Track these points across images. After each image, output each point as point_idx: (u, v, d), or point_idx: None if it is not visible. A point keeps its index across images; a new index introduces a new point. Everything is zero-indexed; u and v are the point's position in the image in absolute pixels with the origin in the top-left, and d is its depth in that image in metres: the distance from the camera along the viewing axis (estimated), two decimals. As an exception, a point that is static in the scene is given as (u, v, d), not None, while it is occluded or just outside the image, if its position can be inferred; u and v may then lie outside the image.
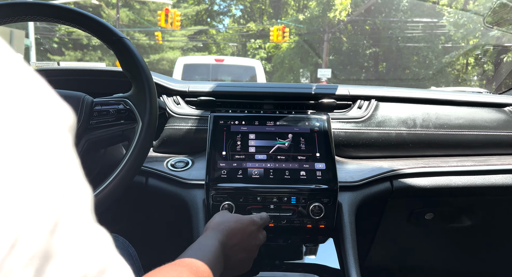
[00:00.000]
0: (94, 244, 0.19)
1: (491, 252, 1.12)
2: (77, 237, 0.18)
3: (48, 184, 0.16)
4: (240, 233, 0.62)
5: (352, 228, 0.83)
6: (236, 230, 0.62)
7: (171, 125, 0.94)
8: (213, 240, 0.58)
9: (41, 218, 0.16)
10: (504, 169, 0.95)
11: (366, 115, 0.98)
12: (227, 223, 0.63)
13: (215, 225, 0.62)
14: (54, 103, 0.19)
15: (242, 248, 0.62)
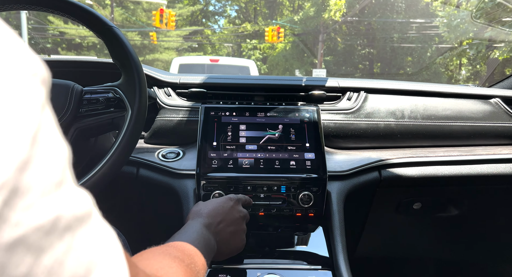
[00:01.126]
0: (70, 191, 0.19)
1: (477, 241, 1.14)
2: (49, 179, 0.18)
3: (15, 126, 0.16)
4: (220, 210, 0.64)
5: (340, 216, 0.84)
6: (215, 210, 0.64)
7: (162, 116, 0.95)
8: (197, 224, 0.59)
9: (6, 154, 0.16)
10: (489, 159, 0.97)
11: (355, 107, 1.00)
12: (204, 208, 0.64)
13: (194, 214, 0.64)
14: (24, 54, 0.18)
15: (228, 223, 0.64)
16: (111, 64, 0.97)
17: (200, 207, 0.65)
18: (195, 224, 0.59)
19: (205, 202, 0.68)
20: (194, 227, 0.58)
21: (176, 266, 0.42)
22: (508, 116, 1.02)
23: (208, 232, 0.58)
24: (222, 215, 0.64)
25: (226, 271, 0.75)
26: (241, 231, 0.68)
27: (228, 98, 0.99)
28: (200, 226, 0.59)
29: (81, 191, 0.21)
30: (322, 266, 0.78)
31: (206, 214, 0.63)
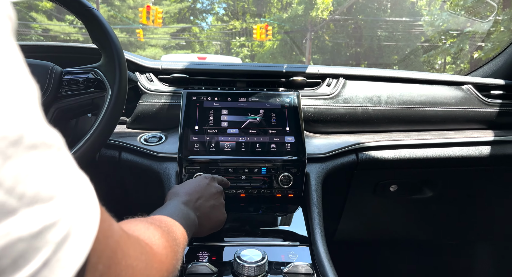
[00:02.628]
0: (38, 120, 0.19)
1: (451, 222, 1.19)
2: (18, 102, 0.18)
3: None
4: (197, 188, 0.66)
5: (318, 196, 0.87)
6: (192, 188, 0.65)
7: (144, 101, 0.96)
8: (175, 202, 0.60)
9: None
10: (460, 142, 1.01)
11: (334, 92, 1.03)
12: (181, 188, 0.65)
13: (171, 195, 0.65)
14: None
15: (206, 198, 0.65)
16: (90, 49, 0.97)
17: (176, 189, 0.66)
18: (173, 202, 0.60)
19: (181, 184, 0.69)
20: (172, 204, 0.59)
21: (153, 229, 0.41)
22: (479, 102, 1.07)
23: (187, 208, 0.59)
24: (199, 192, 0.65)
25: (207, 248, 0.77)
26: (220, 205, 0.70)
27: (210, 84, 1.01)
28: (179, 204, 0.60)
29: (53, 130, 0.21)
30: (300, 242, 0.80)
31: (184, 193, 0.64)
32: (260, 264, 0.67)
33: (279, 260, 0.75)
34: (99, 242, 0.24)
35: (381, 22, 17.01)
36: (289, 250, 0.78)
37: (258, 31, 16.34)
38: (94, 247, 0.23)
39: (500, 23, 7.32)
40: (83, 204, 0.21)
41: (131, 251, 0.29)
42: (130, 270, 0.28)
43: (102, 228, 0.24)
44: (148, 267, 0.31)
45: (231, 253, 0.73)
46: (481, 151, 1.02)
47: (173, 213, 0.55)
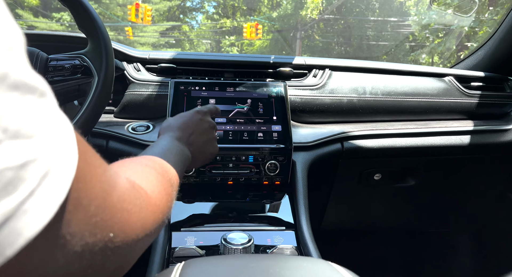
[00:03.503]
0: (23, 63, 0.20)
1: (434, 211, 1.23)
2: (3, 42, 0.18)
3: None
4: (190, 123, 0.65)
5: (304, 183, 0.89)
6: (185, 123, 0.64)
7: (132, 90, 0.97)
8: (168, 138, 0.58)
9: None
10: (442, 131, 1.04)
11: (321, 83, 1.05)
12: (174, 122, 0.64)
13: (164, 129, 0.63)
14: None
15: (199, 133, 0.65)
16: (77, 38, 0.97)
17: (169, 122, 0.65)
18: (166, 138, 0.59)
19: (174, 117, 0.67)
20: (165, 140, 0.57)
21: (148, 171, 0.40)
22: (460, 93, 1.11)
23: (181, 144, 0.59)
24: (192, 127, 0.64)
25: (194, 233, 0.78)
26: (213, 139, 0.69)
27: (198, 74, 1.02)
28: (172, 140, 0.58)
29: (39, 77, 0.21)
30: (286, 227, 0.82)
31: (177, 128, 0.62)
32: (246, 246, 0.68)
33: (265, 244, 0.76)
34: (91, 185, 0.24)
35: (370, 22, 17.19)
36: (275, 234, 0.80)
37: (248, 30, 16.35)
38: (84, 188, 0.23)
39: (485, 23, 7.48)
40: (63, 146, 0.21)
41: (126, 195, 0.29)
42: (125, 213, 0.28)
43: (93, 171, 0.25)
44: (143, 211, 0.31)
45: (218, 237, 0.75)
46: (461, 140, 1.05)
47: (167, 151, 0.54)
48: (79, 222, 0.23)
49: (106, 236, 0.25)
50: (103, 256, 0.26)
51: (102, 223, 0.25)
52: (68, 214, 0.22)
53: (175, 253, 0.71)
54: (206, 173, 0.89)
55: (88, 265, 0.24)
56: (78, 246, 0.23)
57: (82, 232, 0.23)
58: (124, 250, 0.28)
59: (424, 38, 11.06)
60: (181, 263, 0.43)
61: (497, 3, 7.63)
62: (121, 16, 18.53)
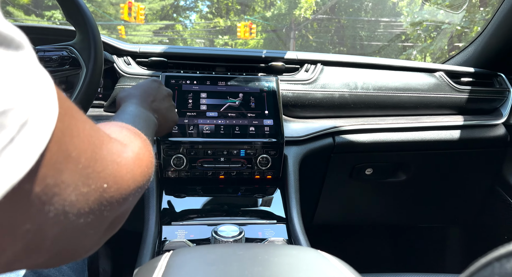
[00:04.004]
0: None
1: (424, 205, 1.24)
2: None
3: None
4: (149, 90, 0.64)
5: (295, 176, 0.89)
6: (145, 91, 0.63)
7: (122, 84, 0.96)
8: (131, 105, 0.57)
9: None
10: (432, 126, 1.05)
11: (312, 78, 1.05)
12: (134, 91, 0.63)
13: (123, 98, 0.61)
14: None
15: (160, 100, 0.65)
16: (65, 30, 0.96)
17: (128, 91, 0.63)
18: (130, 105, 0.57)
19: (131, 87, 0.66)
20: (130, 108, 0.56)
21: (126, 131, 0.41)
22: (450, 88, 1.11)
23: (145, 110, 0.58)
24: (153, 94, 0.64)
25: (185, 227, 0.78)
26: (172, 107, 0.70)
27: (189, 68, 1.01)
28: (137, 107, 0.57)
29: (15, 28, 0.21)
30: (277, 221, 0.82)
31: (138, 95, 0.62)
32: (237, 239, 0.68)
33: (256, 237, 0.76)
34: (80, 139, 0.25)
35: (363, 22, 17.29)
36: (266, 227, 0.80)
37: (242, 29, 16.34)
38: (72, 141, 0.24)
39: (476, 23, 7.57)
40: (42, 97, 0.22)
41: (114, 149, 0.30)
42: (115, 165, 0.29)
43: (80, 126, 0.26)
44: (130, 163, 0.32)
45: (209, 231, 0.74)
46: (452, 134, 1.06)
47: (136, 117, 0.53)
48: (71, 172, 0.24)
49: (100, 187, 0.27)
50: (100, 205, 0.27)
51: (95, 175, 0.26)
52: (59, 164, 0.23)
53: (165, 246, 0.70)
54: (198, 167, 0.88)
55: (86, 215, 0.26)
56: (73, 196, 0.24)
57: (76, 182, 0.24)
58: (118, 200, 0.30)
59: (416, 38, 11.16)
60: (169, 252, 0.43)
61: (488, 3, 7.73)
62: (113, 14, 18.38)
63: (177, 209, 0.83)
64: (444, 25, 8.38)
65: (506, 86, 1.15)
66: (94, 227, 0.28)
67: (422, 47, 10.00)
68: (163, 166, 0.87)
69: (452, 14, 1.50)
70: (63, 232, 0.25)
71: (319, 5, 17.42)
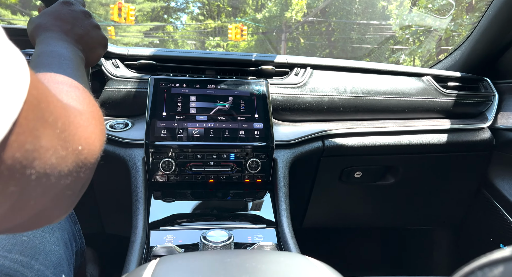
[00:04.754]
0: None
1: (412, 207, 1.25)
2: None
3: None
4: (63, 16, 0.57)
5: (285, 180, 0.89)
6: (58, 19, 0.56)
7: (110, 87, 0.94)
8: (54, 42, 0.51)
9: None
10: (420, 129, 1.07)
11: (302, 82, 1.05)
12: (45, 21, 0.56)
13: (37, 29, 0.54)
14: None
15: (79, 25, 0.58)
16: None
17: (38, 22, 0.55)
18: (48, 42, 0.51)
19: (38, 16, 0.57)
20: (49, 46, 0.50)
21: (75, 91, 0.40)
22: (437, 92, 1.13)
23: (69, 45, 0.52)
24: (68, 21, 0.56)
25: (174, 232, 0.77)
26: (95, 28, 0.61)
27: (179, 71, 1.01)
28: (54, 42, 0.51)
29: None
30: (267, 225, 0.82)
31: (52, 26, 0.55)
32: (226, 244, 0.68)
33: (246, 241, 0.76)
34: (54, 105, 0.27)
35: (353, 25, 17.46)
36: (256, 232, 0.79)
37: (233, 31, 16.35)
38: (48, 107, 0.26)
39: (464, 27, 7.72)
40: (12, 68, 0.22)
41: (76, 113, 0.32)
42: (82, 128, 0.32)
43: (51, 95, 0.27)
44: (91, 125, 0.35)
45: (198, 236, 0.74)
46: (439, 138, 1.07)
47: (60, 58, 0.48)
48: (49, 138, 0.25)
49: (76, 149, 0.29)
50: (76, 167, 0.30)
51: (71, 138, 0.29)
52: (36, 130, 0.24)
53: (153, 251, 0.69)
54: (187, 171, 0.88)
55: (65, 176, 0.28)
56: (53, 159, 0.26)
57: (55, 146, 0.26)
58: (91, 161, 0.32)
59: (405, 41, 11.31)
60: (156, 259, 0.42)
61: (475, 8, 7.89)
62: (103, 15, 18.20)
63: (165, 214, 0.82)
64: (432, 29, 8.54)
65: (491, 90, 1.18)
66: (71, 188, 0.30)
67: (411, 50, 10.15)
68: (151, 170, 0.86)
69: (440, 19, 1.52)
70: (45, 193, 0.27)
71: (310, 8, 17.55)
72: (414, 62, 12.40)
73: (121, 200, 0.94)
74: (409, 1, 10.44)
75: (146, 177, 0.86)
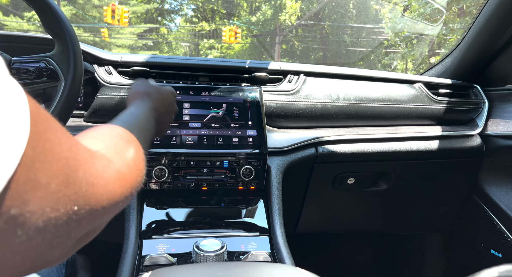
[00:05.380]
0: None
1: (404, 213, 1.26)
2: None
3: None
4: (167, 102, 0.67)
5: (278, 187, 0.89)
6: (162, 100, 0.65)
7: (103, 94, 0.94)
8: (146, 109, 0.58)
9: None
10: (412, 136, 1.08)
11: (295, 89, 1.06)
12: (155, 93, 0.64)
13: (143, 94, 0.63)
14: None
15: (169, 114, 0.68)
16: (43, 39, 0.94)
17: (149, 90, 0.64)
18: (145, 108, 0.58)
19: (153, 86, 0.67)
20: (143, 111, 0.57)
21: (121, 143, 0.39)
22: (428, 99, 1.14)
23: (152, 118, 0.59)
24: (166, 106, 0.66)
25: (166, 241, 0.77)
26: (171, 122, 0.73)
27: (172, 77, 1.01)
28: (150, 111, 0.58)
29: None
30: (260, 233, 0.82)
31: (155, 100, 0.63)
32: (219, 253, 0.68)
33: (239, 250, 0.76)
34: (52, 164, 0.23)
35: (347, 28, 17.59)
36: (249, 240, 0.79)
37: (227, 33, 16.35)
38: (43, 167, 0.22)
39: (455, 32, 7.82)
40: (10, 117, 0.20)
41: (93, 170, 0.28)
42: (90, 187, 0.28)
43: (56, 149, 0.24)
44: (110, 184, 0.31)
45: (190, 244, 0.74)
46: (430, 145, 1.09)
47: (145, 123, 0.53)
48: (38, 200, 0.22)
49: (70, 210, 0.25)
50: (68, 227, 0.25)
51: (65, 199, 0.25)
52: (25, 194, 0.21)
53: (145, 261, 0.69)
54: (180, 178, 0.88)
55: (52, 238, 0.25)
56: (40, 222, 0.23)
57: (43, 209, 0.23)
58: (89, 220, 0.28)
59: (398, 45, 11.42)
60: (148, 272, 0.42)
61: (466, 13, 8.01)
62: (97, 17, 18.08)
63: (158, 222, 0.82)
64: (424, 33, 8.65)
65: (481, 97, 1.19)
66: (59, 249, 0.27)
67: (403, 53, 10.25)
68: (144, 178, 0.86)
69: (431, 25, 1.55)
70: (26, 257, 0.24)
71: (303, 11, 17.64)
72: (407, 65, 12.53)
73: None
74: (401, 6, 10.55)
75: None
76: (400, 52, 10.57)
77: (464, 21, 7.76)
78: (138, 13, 20.30)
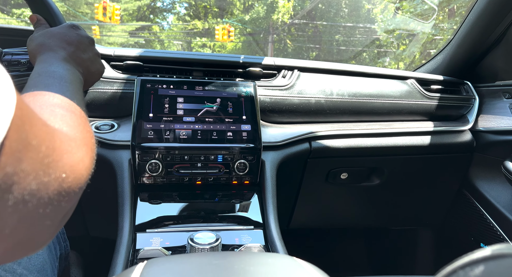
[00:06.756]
0: None
1: (396, 208, 1.27)
2: None
3: None
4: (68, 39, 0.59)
5: (273, 182, 0.90)
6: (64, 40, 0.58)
7: (95, 88, 0.93)
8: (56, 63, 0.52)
9: None
10: (404, 132, 1.09)
11: (289, 84, 1.06)
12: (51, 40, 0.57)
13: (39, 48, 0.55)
14: None
15: (82, 50, 0.60)
16: (32, 31, 0.92)
17: (41, 40, 0.56)
18: (50, 61, 0.51)
19: (42, 33, 0.59)
20: (51, 66, 0.50)
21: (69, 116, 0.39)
22: (421, 95, 1.16)
23: (70, 66, 0.53)
24: (73, 44, 0.58)
25: (160, 235, 0.76)
26: (96, 55, 0.64)
27: (166, 72, 1.00)
28: (57, 62, 0.52)
29: None
30: (254, 226, 0.82)
31: (57, 46, 0.56)
32: (214, 246, 0.68)
33: (233, 243, 0.76)
34: (38, 128, 0.26)
35: (339, 27, 17.68)
36: (243, 233, 0.79)
37: (220, 32, 16.32)
38: (32, 130, 0.25)
39: (445, 32, 7.92)
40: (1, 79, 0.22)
41: (64, 139, 0.31)
42: (69, 154, 0.30)
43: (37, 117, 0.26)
44: (79, 152, 0.33)
45: (185, 238, 0.73)
46: (422, 140, 1.10)
47: (61, 80, 0.48)
48: (31, 161, 0.24)
49: (59, 177, 0.28)
50: (59, 196, 0.28)
51: (55, 164, 0.27)
52: (18, 152, 0.23)
53: (139, 254, 0.69)
54: (174, 173, 0.87)
55: (46, 203, 0.27)
56: (34, 184, 0.25)
57: (36, 171, 0.25)
58: (75, 190, 0.31)
59: (389, 44, 11.53)
60: (143, 262, 0.42)
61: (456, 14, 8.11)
62: (88, 14, 17.88)
63: (152, 216, 0.81)
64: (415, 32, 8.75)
65: (472, 94, 1.21)
66: (51, 218, 0.29)
67: (396, 54, 10.35)
68: (138, 172, 0.85)
69: (423, 23, 1.57)
70: (21, 221, 0.25)
71: (296, 10, 17.68)
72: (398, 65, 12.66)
73: (105, 202, 0.92)
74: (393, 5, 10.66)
75: (133, 179, 0.85)
76: (391, 51, 10.67)
77: (453, 21, 7.86)
78: (130, 10, 20.12)
